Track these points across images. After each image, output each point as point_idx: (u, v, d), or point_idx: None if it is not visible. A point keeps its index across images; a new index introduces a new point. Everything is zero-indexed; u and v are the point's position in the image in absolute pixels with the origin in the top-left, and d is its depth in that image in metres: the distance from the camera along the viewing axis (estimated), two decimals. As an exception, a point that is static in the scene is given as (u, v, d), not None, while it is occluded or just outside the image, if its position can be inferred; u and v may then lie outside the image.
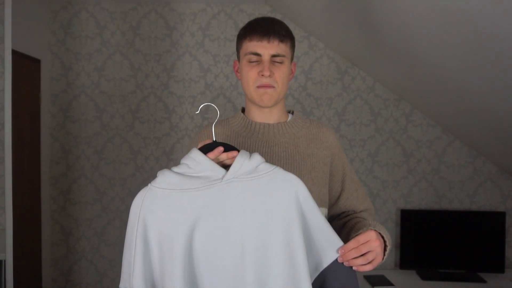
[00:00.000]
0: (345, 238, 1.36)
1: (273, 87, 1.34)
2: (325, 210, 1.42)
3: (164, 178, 1.08)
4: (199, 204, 1.06)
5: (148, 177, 3.08)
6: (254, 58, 1.34)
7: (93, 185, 3.08)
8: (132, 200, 3.13)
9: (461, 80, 2.21)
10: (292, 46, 1.39)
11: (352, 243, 1.13)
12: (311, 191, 1.37)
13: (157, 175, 1.09)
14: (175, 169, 1.10)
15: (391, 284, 2.77)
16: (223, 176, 1.08)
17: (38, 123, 2.89)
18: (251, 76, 1.34)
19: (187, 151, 1.49)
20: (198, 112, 1.29)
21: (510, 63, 1.79)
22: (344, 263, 1.13)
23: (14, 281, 2.41)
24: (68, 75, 3.05)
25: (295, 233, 1.07)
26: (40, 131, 2.91)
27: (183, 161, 1.11)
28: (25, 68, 2.69)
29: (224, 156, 1.13)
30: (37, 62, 2.86)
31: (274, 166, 1.11)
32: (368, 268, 1.15)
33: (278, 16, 3.00)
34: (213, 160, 1.11)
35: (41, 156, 2.92)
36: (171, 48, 3.07)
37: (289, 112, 1.49)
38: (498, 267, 2.90)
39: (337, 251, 1.11)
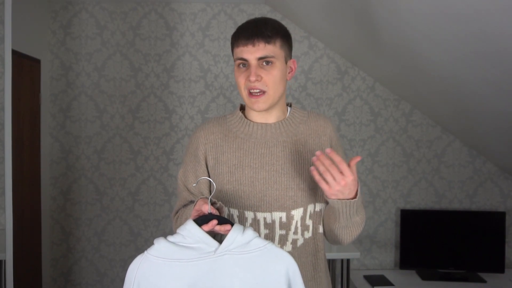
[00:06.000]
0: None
1: (264, 91, 1.32)
2: (324, 206, 1.42)
3: (159, 247, 1.13)
4: (191, 275, 1.11)
5: (148, 177, 3.08)
6: (242, 63, 1.34)
7: (93, 185, 3.08)
8: (131, 200, 3.13)
9: (461, 80, 2.21)
10: (285, 44, 1.35)
11: (336, 157, 1.18)
12: (310, 188, 1.37)
13: (154, 242, 1.14)
14: (170, 238, 1.14)
15: (391, 284, 2.77)
16: (216, 249, 1.13)
17: (38, 123, 2.89)
18: (240, 81, 1.34)
19: (186, 150, 1.49)
20: (195, 184, 1.31)
21: (510, 63, 1.79)
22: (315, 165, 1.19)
23: (14, 281, 2.41)
24: (68, 75, 3.05)
25: None
26: (40, 131, 2.91)
27: (179, 231, 1.15)
28: (25, 68, 2.69)
29: (218, 229, 1.16)
30: (37, 62, 2.86)
31: (266, 242, 1.15)
32: (324, 186, 1.19)
33: (278, 16, 3.00)
34: (207, 231, 1.15)
35: (41, 156, 2.92)
36: (171, 48, 3.07)
37: (287, 104, 1.46)
38: (498, 267, 2.89)
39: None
